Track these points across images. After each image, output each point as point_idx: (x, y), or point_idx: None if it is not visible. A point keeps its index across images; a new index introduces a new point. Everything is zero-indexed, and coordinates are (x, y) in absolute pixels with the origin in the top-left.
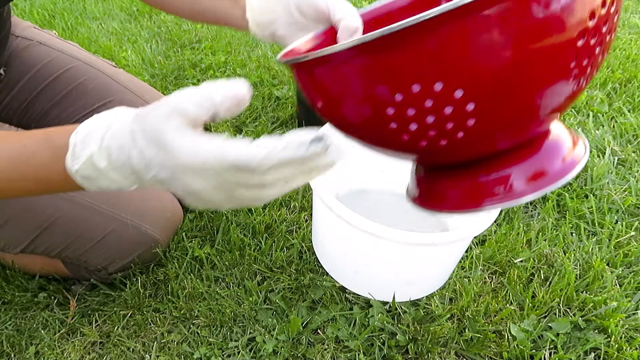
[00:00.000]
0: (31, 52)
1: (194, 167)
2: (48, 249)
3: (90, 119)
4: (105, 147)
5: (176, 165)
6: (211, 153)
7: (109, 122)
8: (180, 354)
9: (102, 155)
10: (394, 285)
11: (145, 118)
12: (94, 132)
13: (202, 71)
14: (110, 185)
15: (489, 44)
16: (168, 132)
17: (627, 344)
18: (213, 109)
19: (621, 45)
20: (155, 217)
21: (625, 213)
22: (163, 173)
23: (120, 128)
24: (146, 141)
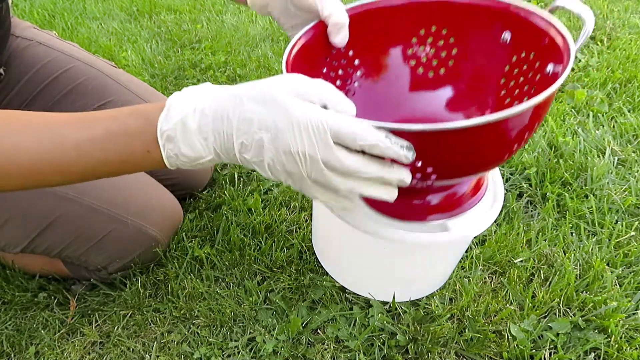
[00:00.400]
0: (31, 52)
1: (305, 125)
2: (48, 249)
3: (180, 92)
4: (200, 110)
5: (289, 121)
6: (325, 114)
7: (200, 90)
8: (180, 354)
9: (195, 118)
10: (393, 285)
11: (253, 87)
12: (188, 98)
13: (202, 71)
14: (187, 153)
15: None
16: (284, 94)
17: (627, 344)
18: (322, 102)
19: (621, 45)
20: (156, 217)
21: (625, 213)
22: (265, 133)
23: (217, 93)
24: (256, 102)
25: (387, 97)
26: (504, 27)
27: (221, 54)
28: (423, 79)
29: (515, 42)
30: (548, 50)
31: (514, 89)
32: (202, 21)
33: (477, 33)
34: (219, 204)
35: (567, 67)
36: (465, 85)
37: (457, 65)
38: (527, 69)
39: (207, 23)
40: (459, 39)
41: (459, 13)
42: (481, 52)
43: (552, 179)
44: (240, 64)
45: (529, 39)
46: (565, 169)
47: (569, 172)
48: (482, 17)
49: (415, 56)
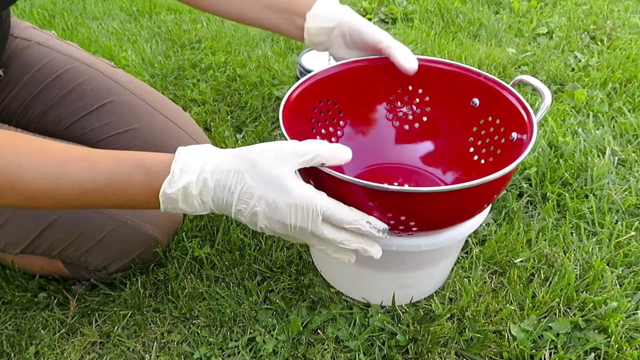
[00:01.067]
0: (30, 53)
1: (302, 207)
2: (48, 249)
3: (184, 149)
4: (203, 179)
5: (287, 203)
6: (319, 199)
7: (203, 155)
8: (180, 354)
9: (197, 186)
10: (389, 290)
11: (257, 161)
12: (192, 163)
13: (202, 71)
14: (185, 209)
15: (433, 205)
16: (286, 175)
17: (627, 344)
18: (317, 164)
19: (621, 45)
20: (155, 217)
21: (625, 213)
22: (265, 206)
23: (219, 164)
24: (257, 180)
25: (374, 147)
26: (474, 94)
27: (221, 54)
28: (405, 133)
29: (482, 107)
30: (512, 119)
31: (481, 148)
32: (202, 21)
33: (449, 95)
34: None
35: (531, 138)
36: (442, 141)
37: (432, 122)
38: (494, 132)
39: (207, 23)
40: (433, 99)
41: (434, 77)
42: (453, 111)
43: (552, 179)
44: (240, 64)
45: (495, 107)
46: (565, 169)
47: (569, 172)
48: (454, 82)
49: (393, 110)
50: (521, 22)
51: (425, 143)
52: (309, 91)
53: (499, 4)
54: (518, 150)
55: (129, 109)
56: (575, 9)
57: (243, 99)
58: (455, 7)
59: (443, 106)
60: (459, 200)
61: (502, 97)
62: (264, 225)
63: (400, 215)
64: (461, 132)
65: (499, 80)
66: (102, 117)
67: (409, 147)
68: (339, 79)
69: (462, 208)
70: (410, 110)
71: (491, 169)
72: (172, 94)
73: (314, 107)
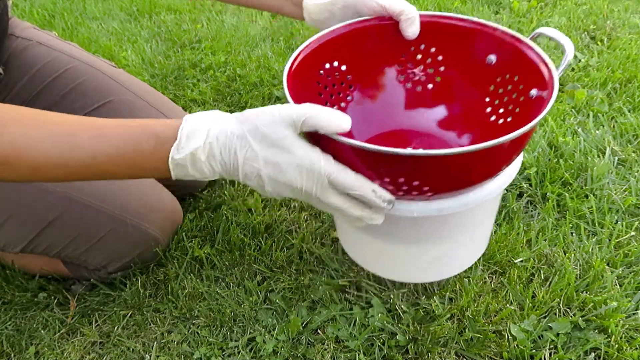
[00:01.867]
0: (31, 53)
1: (305, 167)
2: (48, 248)
3: (190, 115)
4: (209, 143)
5: (291, 163)
6: (324, 162)
7: (209, 121)
8: (180, 354)
9: (205, 150)
10: (417, 266)
11: (258, 124)
12: (198, 129)
13: (202, 71)
14: (195, 175)
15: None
16: (288, 137)
17: (627, 344)
18: (315, 128)
19: (621, 45)
20: (155, 217)
21: (625, 213)
22: (270, 169)
23: (224, 129)
24: (260, 143)
25: (384, 112)
26: (490, 50)
27: (221, 54)
28: (417, 96)
29: (499, 64)
30: (532, 75)
31: (498, 107)
32: (202, 21)
33: (463, 53)
34: (219, 204)
35: (552, 94)
36: (456, 103)
37: (445, 82)
38: (512, 90)
39: (207, 23)
40: (447, 58)
41: (447, 33)
42: (467, 70)
43: (552, 179)
44: (240, 64)
45: (513, 63)
46: (565, 169)
47: (569, 172)
48: (469, 39)
49: (404, 72)
50: (521, 22)
51: (439, 105)
52: (315, 54)
53: (499, 4)
54: (538, 108)
55: (129, 109)
56: (575, 9)
57: (243, 99)
58: (455, 7)
59: (457, 65)
60: (475, 161)
61: (520, 53)
62: (271, 189)
63: (413, 180)
64: (477, 91)
65: (517, 35)
66: (102, 116)
67: (422, 110)
68: (346, 40)
69: (479, 170)
70: (423, 70)
71: (510, 129)
72: (172, 94)
73: (320, 70)
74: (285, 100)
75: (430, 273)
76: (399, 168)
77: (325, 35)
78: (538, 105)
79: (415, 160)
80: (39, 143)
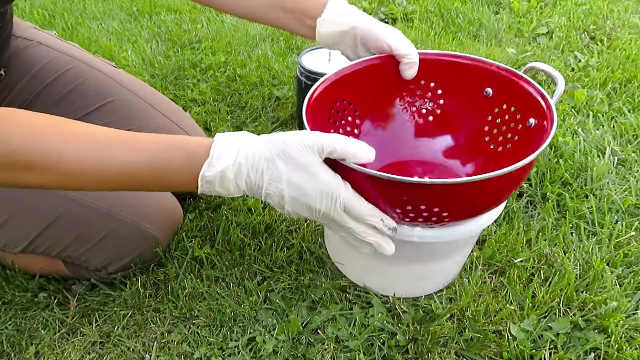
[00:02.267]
0: (31, 53)
1: (326, 192)
2: (48, 249)
3: (222, 135)
4: (238, 163)
5: (315, 187)
6: (343, 190)
7: (239, 141)
8: (180, 354)
9: (234, 169)
10: (407, 281)
11: (286, 148)
12: (229, 148)
13: (202, 71)
14: (220, 192)
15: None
16: (315, 163)
17: (627, 344)
18: (343, 157)
19: (621, 45)
20: (156, 217)
21: (625, 213)
22: (293, 190)
23: (253, 150)
24: (287, 165)
25: (390, 144)
26: (486, 84)
27: (221, 54)
28: (420, 128)
29: (496, 96)
30: (528, 105)
31: (497, 136)
32: (202, 21)
33: (461, 87)
34: (219, 204)
35: (553, 122)
36: (458, 133)
37: (446, 114)
38: (509, 120)
39: (207, 23)
40: (446, 92)
41: (446, 70)
42: (466, 102)
43: (552, 179)
44: (240, 64)
45: (509, 95)
46: (565, 169)
47: (569, 172)
48: (466, 74)
49: (406, 106)
50: (521, 22)
51: (441, 136)
52: (326, 92)
53: (499, 4)
54: (536, 136)
55: (130, 109)
56: (575, 9)
57: (243, 99)
58: (455, 7)
59: (456, 98)
60: (492, 187)
61: (515, 85)
62: (290, 209)
63: (435, 206)
64: (476, 122)
65: (511, 69)
66: (103, 116)
67: (426, 141)
68: (352, 79)
69: (494, 194)
70: (424, 104)
71: (509, 156)
72: (172, 94)
73: (331, 107)
74: (285, 102)
75: (417, 289)
76: (423, 195)
77: (332, 76)
78: (537, 132)
79: (438, 189)
80: (75, 152)
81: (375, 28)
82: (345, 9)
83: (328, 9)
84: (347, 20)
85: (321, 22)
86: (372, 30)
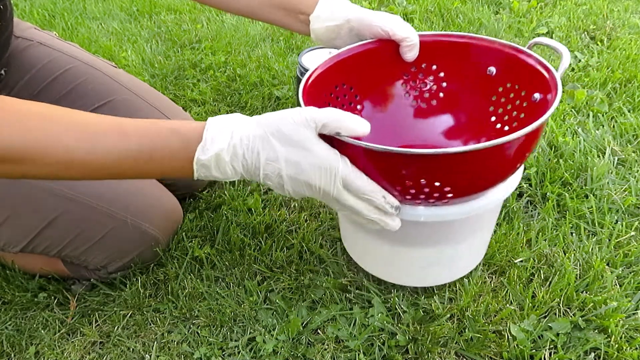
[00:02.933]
0: (31, 53)
1: (324, 167)
2: (48, 248)
3: (213, 118)
4: (233, 145)
5: (312, 163)
6: (340, 165)
7: (232, 123)
8: (180, 354)
9: (229, 152)
10: (418, 269)
11: (280, 126)
12: (222, 131)
13: (202, 71)
14: (217, 175)
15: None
16: (311, 139)
17: (627, 344)
18: (337, 131)
19: (621, 45)
20: (155, 217)
21: (625, 213)
22: (291, 168)
23: (247, 131)
24: (282, 143)
25: (392, 127)
26: (489, 62)
27: (221, 54)
28: (423, 111)
29: (499, 75)
30: (532, 80)
31: (503, 115)
32: (202, 21)
33: (464, 67)
34: (219, 204)
35: (557, 94)
36: (462, 115)
37: (449, 96)
38: (514, 97)
39: (207, 23)
40: (448, 73)
41: (447, 51)
42: (469, 83)
43: (552, 179)
44: (240, 64)
45: (513, 72)
46: (565, 169)
47: (569, 172)
48: (468, 54)
49: (408, 89)
50: (521, 22)
51: (445, 118)
52: (325, 76)
53: (499, 4)
54: (541, 110)
55: (130, 108)
56: (575, 9)
57: (243, 99)
58: (455, 7)
59: (459, 79)
60: (493, 158)
61: (519, 61)
62: (290, 189)
63: (435, 180)
64: (480, 102)
65: (514, 45)
66: None
67: (429, 124)
68: (351, 62)
69: (497, 167)
70: (426, 87)
71: None
72: (172, 94)
73: (330, 92)
74: (285, 102)
75: (430, 279)
76: (421, 168)
77: (330, 59)
78: (543, 106)
79: (436, 159)
80: (63, 141)
81: (369, 17)
82: (336, 3)
83: (320, 6)
84: (340, 14)
85: (314, 18)
86: (367, 19)
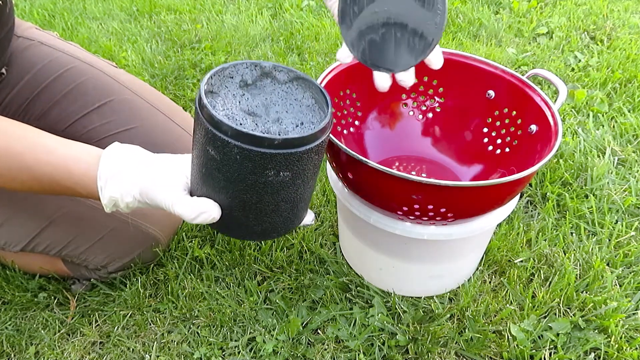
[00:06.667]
0: (32, 52)
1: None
2: (48, 247)
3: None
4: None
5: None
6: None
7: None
8: (180, 354)
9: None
10: (419, 281)
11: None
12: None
13: (202, 71)
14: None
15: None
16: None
17: (627, 344)
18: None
19: (621, 45)
20: (156, 216)
21: (625, 213)
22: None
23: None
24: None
25: (390, 138)
26: (489, 86)
27: (221, 54)
28: (421, 123)
29: (498, 99)
30: (530, 111)
31: (496, 139)
32: (202, 21)
33: (464, 87)
34: None
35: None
36: (457, 133)
37: (446, 112)
38: (509, 123)
39: (207, 23)
40: (448, 90)
41: (449, 69)
42: (467, 102)
43: (552, 179)
44: None
45: (511, 99)
46: (565, 169)
47: (569, 172)
48: (469, 74)
49: (409, 102)
50: (521, 22)
51: (440, 133)
52: (333, 81)
53: (499, 4)
54: (537, 142)
55: (130, 108)
56: (575, 9)
57: None
58: (455, 7)
59: (457, 97)
60: (501, 190)
61: (518, 90)
62: None
63: (440, 207)
64: (475, 122)
65: (516, 74)
66: (103, 116)
67: (424, 137)
68: (357, 70)
69: (501, 197)
70: (425, 100)
71: (507, 159)
72: (172, 94)
73: (334, 97)
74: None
75: (430, 288)
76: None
77: (337, 67)
78: (538, 139)
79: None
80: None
81: None
82: None
83: None
84: None
85: None
86: None
